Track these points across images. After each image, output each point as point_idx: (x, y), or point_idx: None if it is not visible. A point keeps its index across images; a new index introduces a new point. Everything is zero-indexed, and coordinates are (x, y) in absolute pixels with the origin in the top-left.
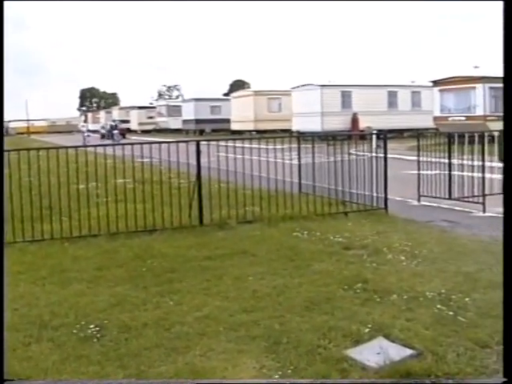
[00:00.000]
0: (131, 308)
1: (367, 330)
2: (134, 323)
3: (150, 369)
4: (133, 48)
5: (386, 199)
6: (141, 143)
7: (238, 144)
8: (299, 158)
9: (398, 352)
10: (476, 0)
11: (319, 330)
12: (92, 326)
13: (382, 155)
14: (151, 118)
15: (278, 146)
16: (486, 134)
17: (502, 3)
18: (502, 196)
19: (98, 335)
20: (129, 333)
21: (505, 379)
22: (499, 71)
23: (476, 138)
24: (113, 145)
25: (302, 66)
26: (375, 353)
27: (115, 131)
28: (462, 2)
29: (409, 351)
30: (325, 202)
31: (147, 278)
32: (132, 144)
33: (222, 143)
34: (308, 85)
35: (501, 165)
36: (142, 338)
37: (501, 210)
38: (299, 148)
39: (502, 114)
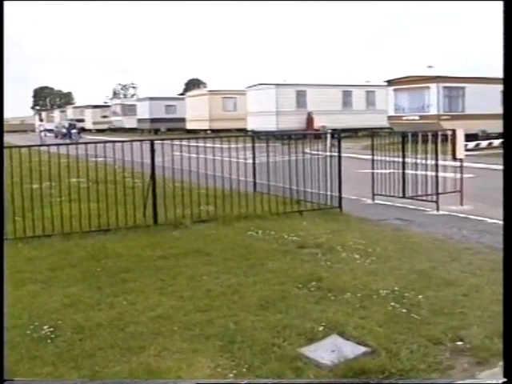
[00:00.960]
0: (85, 308)
1: (321, 328)
2: (88, 323)
3: (105, 369)
4: (87, 47)
5: (340, 198)
6: (95, 142)
7: (193, 143)
8: (254, 158)
9: (352, 349)
10: (432, 0)
11: (274, 329)
12: (46, 327)
13: (337, 154)
14: (106, 117)
15: (233, 145)
16: (440, 134)
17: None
18: (455, 194)
19: (52, 336)
20: (83, 333)
21: (505, 379)
22: (453, 71)
23: (429, 137)
24: (67, 144)
25: (257, 65)
26: (329, 350)
27: (73, 130)
28: (418, 1)
29: (363, 349)
30: (279, 201)
31: (101, 278)
32: (86, 143)
33: (177, 142)
34: (263, 84)
35: (454, 163)
36: (97, 338)
37: (453, 207)
38: (254, 147)
39: (454, 114)
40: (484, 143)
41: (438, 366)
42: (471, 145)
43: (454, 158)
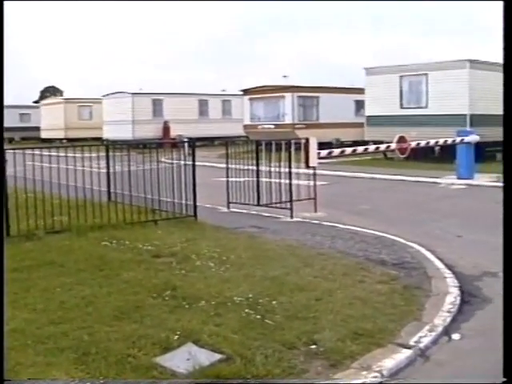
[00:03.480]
0: None
1: (176, 336)
2: None
3: None
4: None
5: (195, 207)
6: None
7: (46, 152)
8: (108, 167)
9: (207, 357)
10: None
11: (129, 339)
12: None
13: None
14: None
15: (87, 155)
16: (293, 142)
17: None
18: (309, 201)
19: None
20: None
21: (505, 379)
22: (307, 81)
23: (283, 146)
24: None
25: (114, 73)
26: (185, 359)
27: None
28: (272, 8)
29: (218, 356)
30: (134, 210)
31: None
32: None
33: (29, 152)
34: (119, 93)
35: (307, 171)
36: None
37: (307, 214)
38: (107, 156)
39: (309, 122)
40: (337, 151)
41: (292, 370)
42: (324, 153)
43: (308, 166)
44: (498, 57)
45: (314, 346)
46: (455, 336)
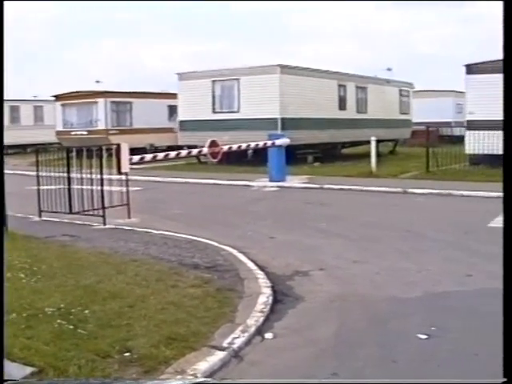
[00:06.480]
0: None
1: None
2: None
3: None
4: None
5: (4, 216)
6: None
7: None
8: None
9: (18, 371)
10: None
11: None
12: None
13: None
14: None
15: None
16: (105, 148)
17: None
18: (122, 208)
19: None
20: None
21: (505, 379)
22: (122, 86)
23: (95, 152)
24: None
25: None
26: None
27: None
28: (82, 13)
29: (29, 369)
30: None
31: None
32: None
33: None
34: None
35: (120, 177)
36: None
37: (121, 221)
38: None
39: (123, 128)
40: (149, 156)
41: (106, 379)
42: (136, 158)
43: (120, 172)
44: (308, 60)
45: (127, 354)
46: (268, 335)
